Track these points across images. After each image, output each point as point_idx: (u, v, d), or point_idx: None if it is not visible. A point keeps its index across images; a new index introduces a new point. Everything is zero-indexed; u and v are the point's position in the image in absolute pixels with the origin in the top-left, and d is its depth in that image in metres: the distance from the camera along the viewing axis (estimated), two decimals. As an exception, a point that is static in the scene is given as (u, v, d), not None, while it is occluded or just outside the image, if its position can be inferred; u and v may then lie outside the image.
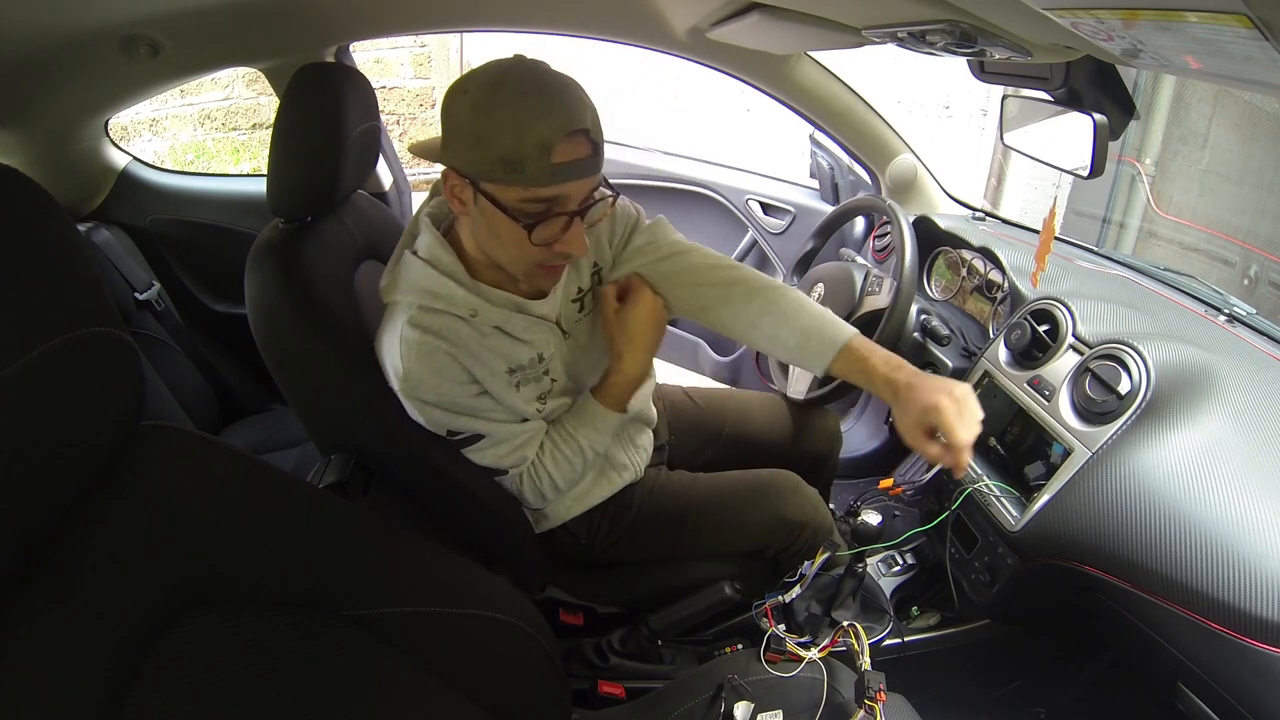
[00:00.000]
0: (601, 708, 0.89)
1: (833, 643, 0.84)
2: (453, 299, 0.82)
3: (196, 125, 3.65)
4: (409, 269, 0.83)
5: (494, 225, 0.75)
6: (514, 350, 0.86)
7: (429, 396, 0.82)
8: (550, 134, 0.68)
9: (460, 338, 0.82)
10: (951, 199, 1.62)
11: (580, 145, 0.71)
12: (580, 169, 0.72)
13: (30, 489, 0.39)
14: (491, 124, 0.69)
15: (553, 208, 0.73)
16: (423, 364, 0.80)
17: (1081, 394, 0.94)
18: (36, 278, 0.39)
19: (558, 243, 0.76)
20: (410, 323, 0.80)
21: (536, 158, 0.69)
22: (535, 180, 0.70)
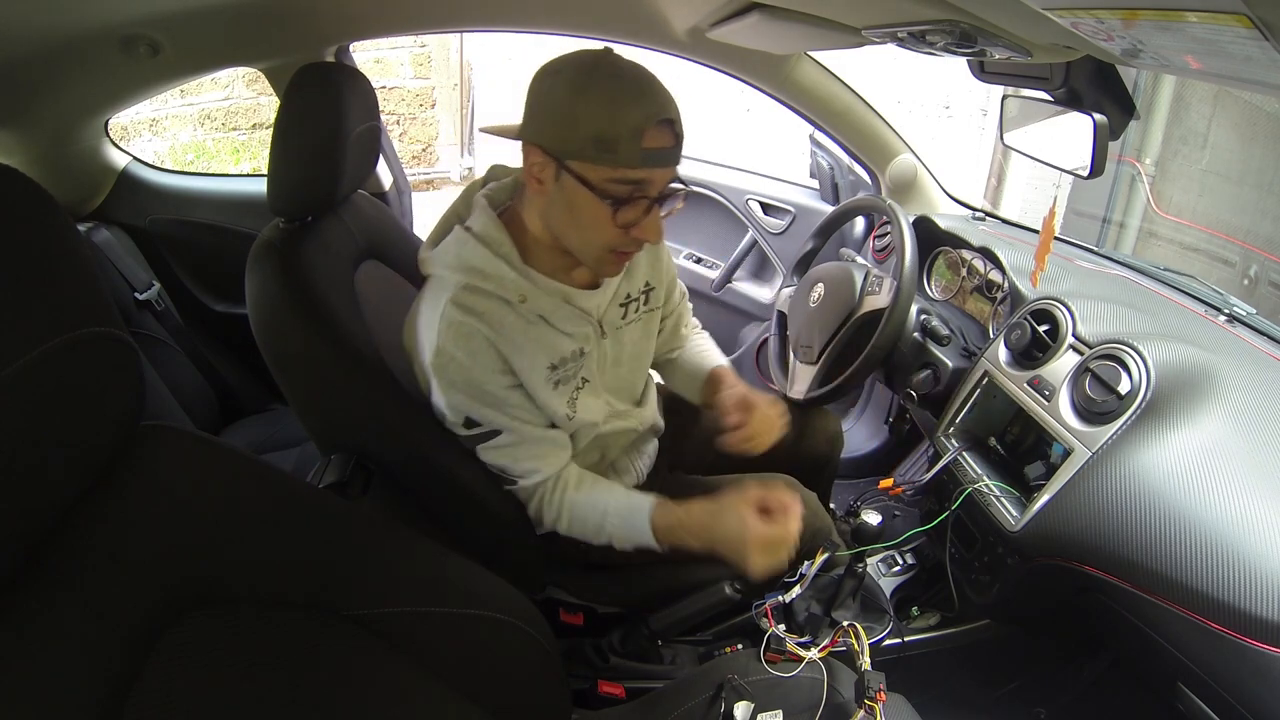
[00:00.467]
0: (601, 708, 0.89)
1: (833, 643, 0.84)
2: (502, 281, 0.81)
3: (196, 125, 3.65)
4: (461, 245, 0.82)
5: (575, 205, 0.76)
6: (556, 342, 0.86)
7: (458, 378, 0.81)
8: (643, 119, 0.71)
9: (504, 324, 0.81)
10: (951, 199, 1.62)
11: (667, 135, 0.74)
12: (666, 157, 0.75)
13: (30, 489, 0.39)
14: (587, 104, 0.71)
15: (636, 191, 0.75)
16: (459, 345, 0.80)
17: (1081, 394, 0.94)
18: (36, 278, 0.39)
19: (636, 228, 0.77)
20: (454, 301, 0.80)
21: (629, 140, 0.71)
22: (626, 161, 0.72)
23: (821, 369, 1.27)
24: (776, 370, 1.45)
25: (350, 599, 0.57)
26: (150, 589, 0.45)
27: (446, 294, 0.80)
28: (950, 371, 1.16)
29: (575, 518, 0.91)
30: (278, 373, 0.96)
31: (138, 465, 0.49)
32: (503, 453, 0.87)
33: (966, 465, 1.08)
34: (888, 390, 1.46)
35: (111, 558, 0.45)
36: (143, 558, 0.46)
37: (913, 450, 1.69)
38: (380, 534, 0.65)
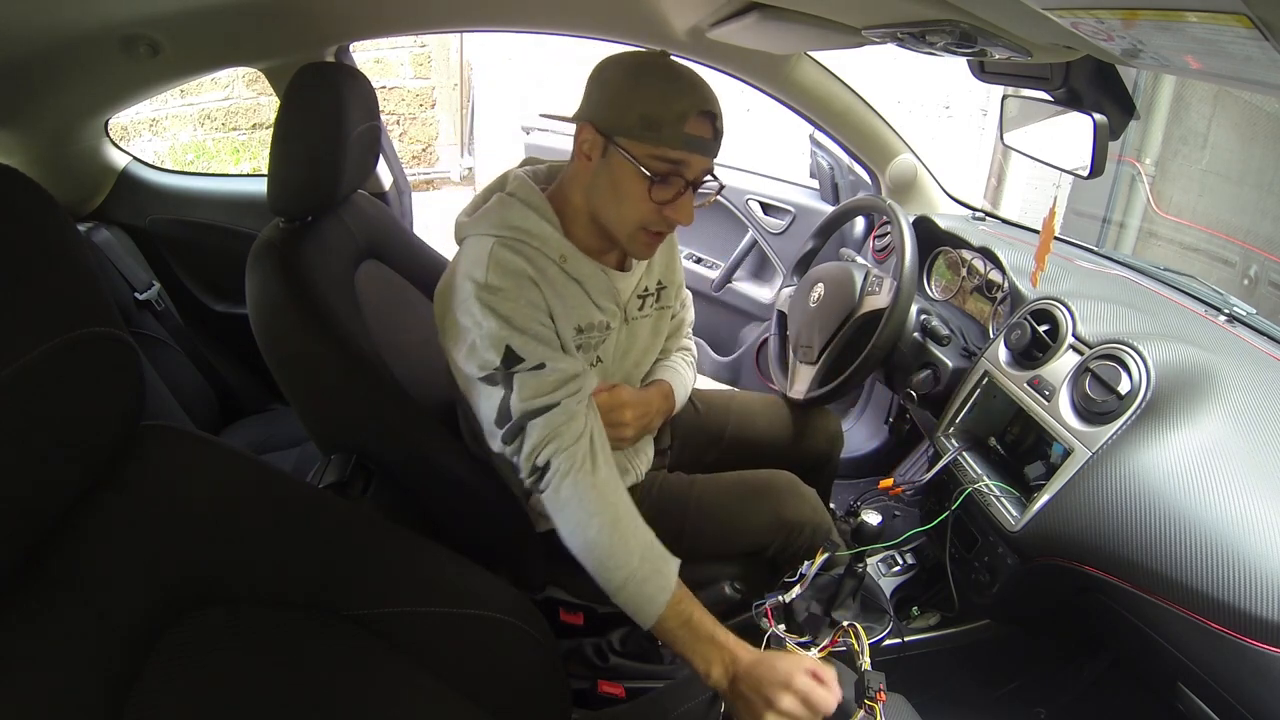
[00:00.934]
0: (601, 708, 0.89)
1: (833, 643, 0.83)
2: (546, 239, 0.85)
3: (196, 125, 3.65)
4: (506, 207, 0.86)
5: (617, 179, 0.82)
6: (588, 309, 0.89)
7: (503, 307, 0.80)
8: (688, 107, 0.79)
9: (548, 272, 0.85)
10: (951, 199, 1.62)
11: (708, 127, 0.81)
12: (705, 145, 0.81)
13: (30, 489, 0.40)
14: (641, 87, 0.80)
15: (674, 170, 0.81)
16: (506, 278, 0.81)
17: (1081, 394, 0.94)
18: (36, 278, 0.39)
19: (669, 207, 0.83)
20: (500, 243, 0.82)
21: (673, 123, 0.78)
22: (669, 141, 0.79)
23: (821, 369, 1.27)
24: (776, 370, 1.45)
25: (350, 599, 0.57)
26: (150, 589, 0.45)
27: (491, 241, 0.83)
28: (950, 371, 1.16)
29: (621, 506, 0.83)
30: (278, 373, 0.96)
31: (138, 465, 0.49)
32: (544, 383, 0.80)
33: (966, 465, 1.08)
34: (888, 390, 1.46)
35: (111, 558, 0.45)
36: (143, 558, 0.46)
37: (913, 450, 1.69)
38: (380, 534, 0.65)
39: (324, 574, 0.56)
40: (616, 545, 0.81)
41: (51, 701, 0.39)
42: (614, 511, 0.82)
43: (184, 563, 0.48)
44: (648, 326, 1.01)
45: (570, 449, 0.81)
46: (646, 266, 0.99)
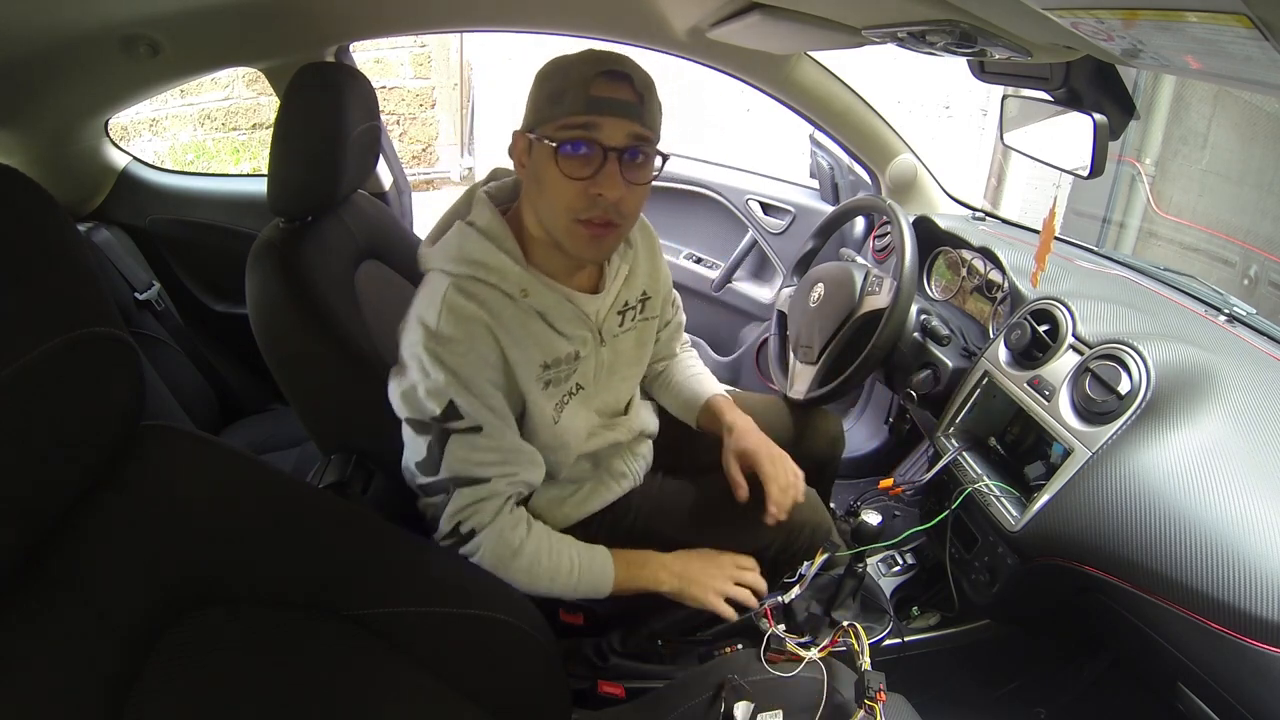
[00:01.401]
0: (601, 708, 0.89)
1: (833, 643, 0.84)
2: (504, 273, 0.81)
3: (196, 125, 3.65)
4: (463, 238, 0.82)
5: (539, 170, 0.78)
6: (553, 342, 0.85)
7: (451, 360, 0.78)
8: (590, 70, 0.74)
9: (504, 314, 0.81)
10: (951, 199, 1.62)
11: (620, 88, 0.75)
12: (617, 106, 0.75)
13: (31, 489, 0.40)
14: (545, 75, 0.78)
15: (583, 136, 0.75)
16: (459, 327, 0.78)
17: (1081, 394, 0.94)
18: (36, 278, 0.39)
19: (590, 183, 0.76)
20: (456, 287, 0.79)
21: (575, 89, 0.74)
22: (571, 109, 0.74)
23: (821, 369, 1.27)
24: (776, 370, 1.45)
25: (350, 599, 0.57)
26: (150, 589, 0.45)
27: (447, 282, 0.80)
28: (950, 371, 1.16)
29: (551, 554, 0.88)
30: (278, 373, 0.96)
31: (138, 465, 0.49)
32: (476, 453, 0.81)
33: (966, 465, 1.08)
34: (888, 390, 1.46)
35: (111, 558, 0.45)
36: (143, 558, 0.46)
37: (913, 450, 1.69)
38: (380, 534, 0.65)
39: (324, 574, 0.56)
40: (546, 581, 0.87)
41: (51, 701, 0.39)
42: (539, 565, 0.86)
43: (184, 563, 0.48)
44: (631, 341, 0.98)
45: (494, 525, 0.84)
46: (626, 279, 0.94)
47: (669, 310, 1.08)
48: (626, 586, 0.91)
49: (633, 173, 0.78)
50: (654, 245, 1.00)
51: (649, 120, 0.78)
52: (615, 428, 1.01)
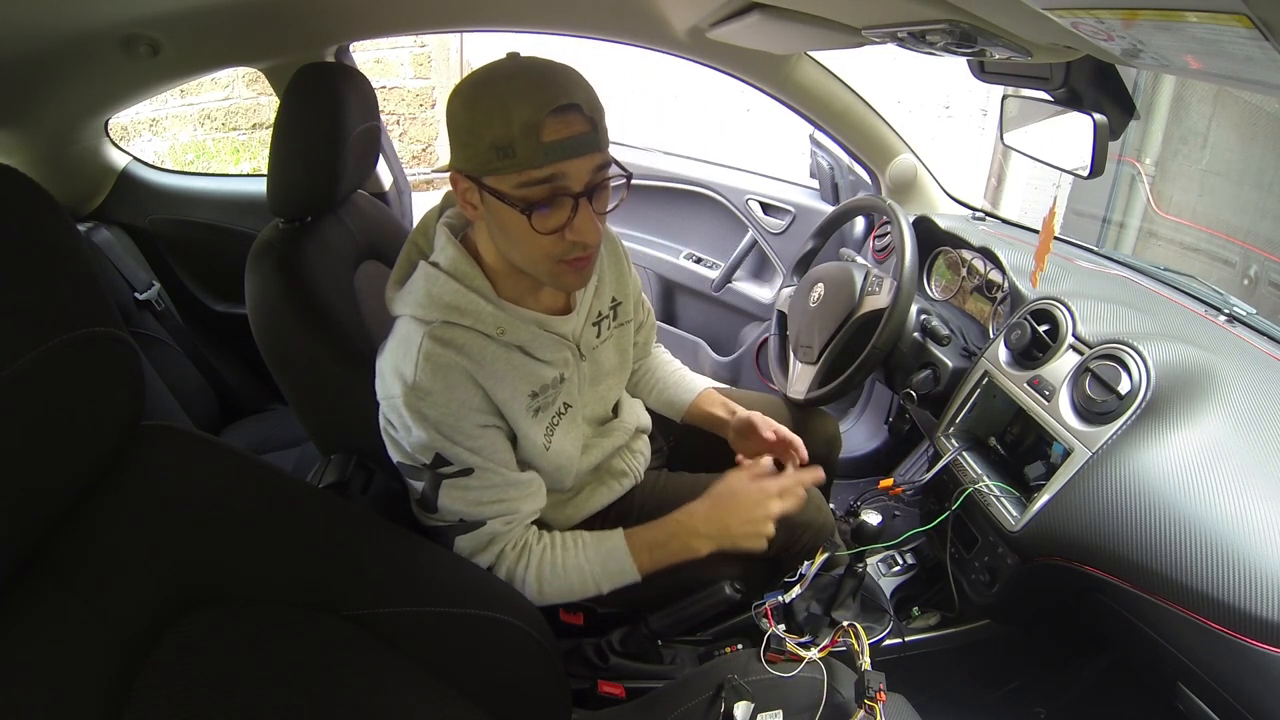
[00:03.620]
0: (601, 708, 0.89)
1: (833, 643, 0.84)
2: (480, 315, 0.78)
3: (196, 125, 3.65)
4: (432, 283, 0.78)
5: (502, 220, 0.73)
6: (537, 370, 0.82)
7: (432, 413, 0.76)
8: (535, 111, 0.66)
9: (484, 356, 0.78)
10: (951, 199, 1.62)
11: (573, 122, 0.68)
12: (574, 145, 0.68)
13: (31, 489, 0.39)
14: (480, 114, 0.68)
15: (552, 190, 0.70)
16: (437, 378, 0.75)
17: (1081, 394, 0.94)
18: (36, 278, 0.39)
19: (568, 229, 0.72)
20: (431, 336, 0.75)
21: (524, 137, 0.66)
22: (527, 161, 0.67)
23: (821, 369, 1.27)
24: (776, 370, 1.45)
25: (350, 599, 0.57)
26: (150, 589, 0.45)
27: (422, 330, 0.76)
28: (950, 371, 1.16)
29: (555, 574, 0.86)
30: (278, 373, 0.96)
31: (138, 465, 0.49)
32: (470, 494, 0.80)
33: (966, 465, 1.08)
34: (888, 390, 1.46)
35: (111, 558, 0.45)
36: (143, 557, 0.46)
37: (913, 450, 1.69)
38: (380, 534, 0.65)
39: (324, 574, 0.56)
40: (565, 597, 0.87)
41: (51, 701, 0.39)
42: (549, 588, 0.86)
43: (184, 562, 0.48)
44: (610, 349, 0.96)
45: (500, 565, 0.84)
46: (595, 290, 0.92)
47: (640, 312, 1.06)
48: (657, 568, 0.88)
49: (602, 202, 0.75)
50: (617, 250, 0.97)
51: (603, 139, 0.72)
52: (610, 433, 1.00)
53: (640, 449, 1.08)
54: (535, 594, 0.85)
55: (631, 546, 0.87)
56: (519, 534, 0.85)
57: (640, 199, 2.05)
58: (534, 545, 0.86)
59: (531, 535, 0.87)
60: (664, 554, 0.88)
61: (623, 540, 0.88)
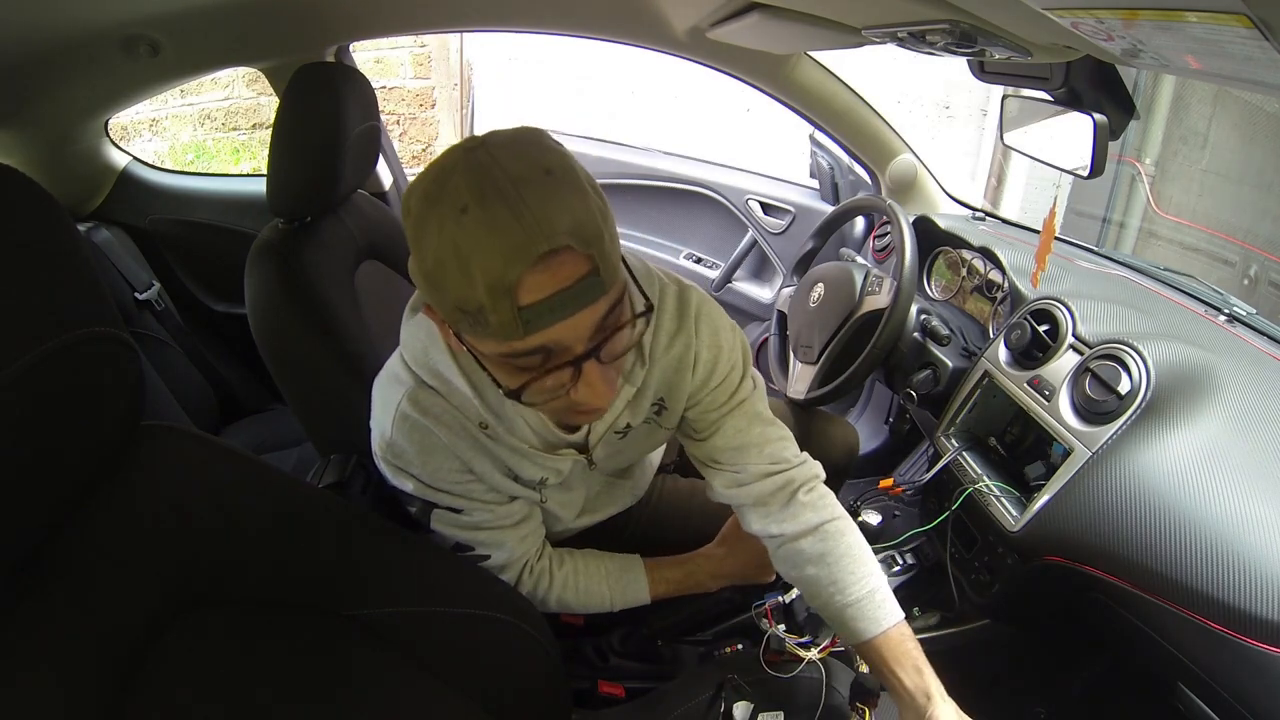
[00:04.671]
0: (601, 708, 0.89)
1: (832, 643, 0.84)
2: (464, 404, 0.68)
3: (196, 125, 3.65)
4: (431, 340, 0.68)
5: (495, 374, 0.59)
6: (520, 465, 0.74)
7: (411, 470, 0.71)
8: (505, 267, 0.48)
9: (461, 435, 0.70)
10: (951, 199, 1.62)
11: (561, 269, 0.49)
12: (568, 302, 0.50)
13: (31, 489, 0.39)
14: (434, 260, 0.50)
15: (546, 362, 0.54)
16: (412, 440, 0.69)
17: (1081, 394, 0.94)
18: (36, 278, 0.39)
19: (571, 390, 0.56)
20: (410, 398, 0.68)
21: (496, 304, 0.49)
22: (504, 333, 0.51)
23: (821, 369, 1.27)
24: (776, 370, 1.45)
25: (350, 599, 0.57)
26: (150, 588, 0.45)
27: (404, 388, 0.68)
28: (950, 371, 1.16)
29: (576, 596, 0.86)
30: (277, 373, 0.96)
31: (138, 465, 0.49)
32: (462, 525, 0.76)
33: (966, 465, 1.08)
34: (888, 390, 1.46)
35: (112, 557, 0.45)
36: (143, 557, 0.46)
37: (913, 450, 1.69)
38: (380, 534, 0.65)
39: (324, 574, 0.56)
40: (583, 607, 0.87)
41: (51, 701, 0.39)
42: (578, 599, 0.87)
43: (184, 562, 0.48)
44: (639, 443, 0.82)
45: (520, 579, 0.82)
46: (632, 399, 0.74)
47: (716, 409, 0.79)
48: (667, 596, 0.92)
49: (612, 349, 0.57)
50: (688, 354, 0.74)
51: (609, 273, 0.52)
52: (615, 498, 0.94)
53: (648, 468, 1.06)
54: (552, 608, 0.86)
55: (651, 573, 0.90)
56: (533, 555, 0.83)
57: (640, 199, 2.05)
58: (556, 571, 0.85)
59: (553, 559, 0.86)
60: (676, 588, 0.92)
61: (644, 574, 0.90)
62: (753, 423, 0.79)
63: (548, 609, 0.85)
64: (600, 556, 0.91)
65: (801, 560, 0.77)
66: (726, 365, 0.77)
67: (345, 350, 0.93)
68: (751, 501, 0.79)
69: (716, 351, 0.75)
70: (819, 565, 0.76)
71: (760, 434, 0.80)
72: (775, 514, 0.78)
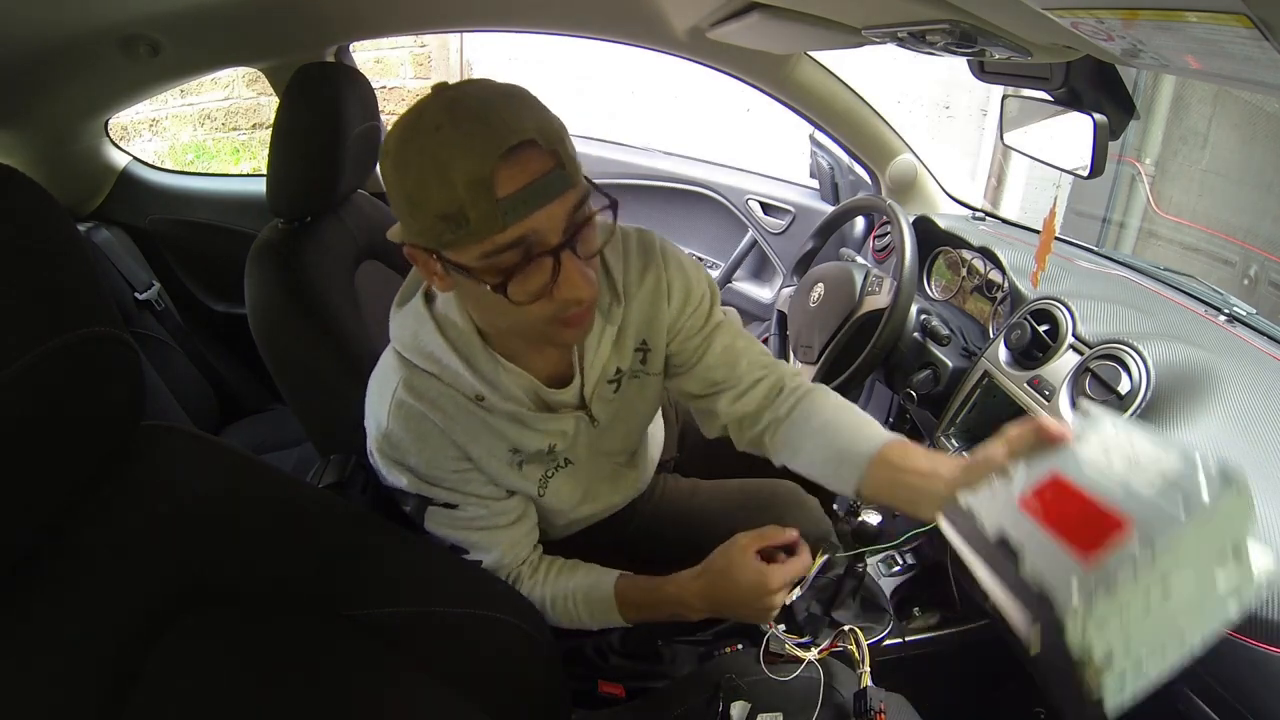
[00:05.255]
0: (601, 708, 0.89)
1: (832, 644, 0.83)
2: (457, 378, 0.70)
3: (196, 125, 3.65)
4: (420, 324, 0.71)
5: (475, 295, 0.63)
6: (523, 437, 0.75)
7: (408, 460, 0.72)
8: (479, 163, 0.53)
9: (458, 415, 0.71)
10: (951, 199, 1.62)
11: (529, 162, 0.55)
12: (539, 192, 0.56)
13: (31, 489, 0.39)
14: (414, 178, 0.56)
15: (526, 253, 0.58)
16: (408, 429, 0.70)
17: (1081, 394, 0.94)
18: (36, 278, 0.39)
19: (554, 289, 0.60)
20: (405, 384, 0.70)
21: (476, 200, 0.54)
22: (485, 228, 0.55)
23: (821, 369, 1.27)
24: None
25: (350, 599, 0.57)
26: (150, 588, 0.45)
27: (399, 376, 0.71)
28: (950, 371, 1.16)
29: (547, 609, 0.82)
30: (277, 373, 0.96)
31: (138, 465, 0.49)
32: (456, 523, 0.76)
33: (966, 465, 1.08)
34: (888, 390, 1.46)
35: (112, 557, 0.45)
36: (143, 557, 0.46)
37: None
38: (380, 534, 0.65)
39: (324, 574, 0.56)
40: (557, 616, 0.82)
41: (51, 701, 0.39)
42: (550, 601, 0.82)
43: (184, 562, 0.48)
44: (627, 396, 0.83)
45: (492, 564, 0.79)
46: (615, 342, 0.77)
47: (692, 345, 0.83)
48: (642, 621, 0.83)
49: (586, 245, 0.62)
50: (659, 282, 0.79)
51: (573, 171, 0.58)
52: (619, 487, 0.93)
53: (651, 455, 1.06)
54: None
55: (621, 604, 0.81)
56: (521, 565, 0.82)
57: (640, 199, 2.05)
58: (537, 580, 0.82)
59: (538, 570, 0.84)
60: (652, 616, 0.82)
61: (614, 602, 0.81)
62: (736, 337, 0.85)
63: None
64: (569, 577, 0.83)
65: (805, 423, 0.81)
66: (698, 292, 0.81)
67: (345, 350, 0.93)
68: (754, 409, 0.84)
69: (686, 280, 0.80)
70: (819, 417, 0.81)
71: (746, 344, 0.85)
72: (772, 407, 0.84)
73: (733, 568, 0.76)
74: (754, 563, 0.76)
